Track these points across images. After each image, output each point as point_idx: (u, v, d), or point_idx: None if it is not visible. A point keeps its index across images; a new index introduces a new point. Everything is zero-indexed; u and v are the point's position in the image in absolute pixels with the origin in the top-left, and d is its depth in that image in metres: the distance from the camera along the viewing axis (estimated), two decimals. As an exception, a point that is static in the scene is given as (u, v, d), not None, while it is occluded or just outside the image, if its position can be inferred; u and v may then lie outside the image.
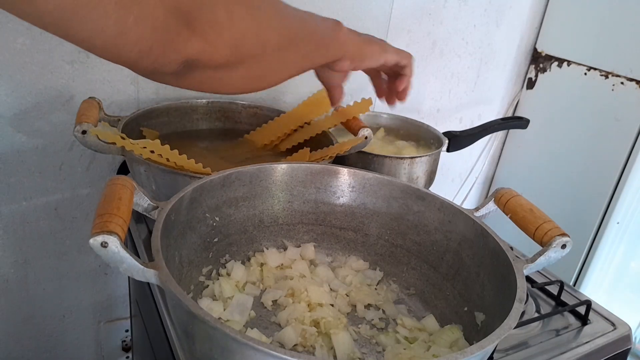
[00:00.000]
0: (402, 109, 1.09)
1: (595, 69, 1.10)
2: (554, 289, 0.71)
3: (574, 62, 1.14)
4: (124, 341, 1.00)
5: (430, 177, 0.87)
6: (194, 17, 0.39)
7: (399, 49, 0.60)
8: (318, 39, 0.52)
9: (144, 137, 0.73)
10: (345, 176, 0.63)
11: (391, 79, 0.65)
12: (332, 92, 0.62)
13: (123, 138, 0.60)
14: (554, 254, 0.48)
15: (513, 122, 0.99)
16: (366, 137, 0.74)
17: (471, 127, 0.94)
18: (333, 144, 0.74)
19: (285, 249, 0.63)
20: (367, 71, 0.64)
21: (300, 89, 0.95)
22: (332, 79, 0.60)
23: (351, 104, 0.85)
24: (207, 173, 0.59)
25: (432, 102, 1.15)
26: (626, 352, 0.65)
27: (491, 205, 0.56)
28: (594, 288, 1.15)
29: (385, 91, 0.66)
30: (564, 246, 0.47)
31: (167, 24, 0.37)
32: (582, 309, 0.67)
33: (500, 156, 1.34)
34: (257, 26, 0.43)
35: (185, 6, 0.38)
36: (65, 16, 0.33)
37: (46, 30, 0.35)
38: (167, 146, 0.59)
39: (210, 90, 0.48)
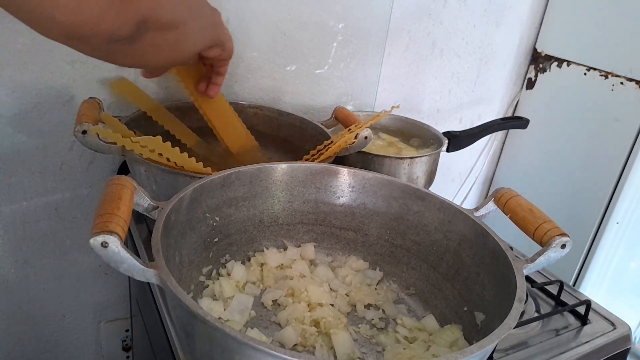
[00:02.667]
0: (402, 109, 1.10)
1: (595, 69, 1.10)
2: (553, 289, 0.71)
3: (574, 62, 1.14)
4: (124, 341, 1.00)
5: (430, 177, 0.87)
6: None
7: None
8: (210, 16, 0.54)
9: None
10: (345, 176, 0.63)
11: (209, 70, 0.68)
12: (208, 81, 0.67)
13: (124, 137, 0.60)
14: (553, 253, 0.48)
15: (513, 122, 0.99)
16: (366, 137, 0.74)
17: (471, 127, 0.94)
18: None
19: (285, 249, 0.63)
20: (206, 59, 0.63)
21: (300, 89, 0.95)
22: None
23: (351, 105, 0.86)
24: (207, 173, 0.59)
25: (432, 102, 1.15)
26: (626, 352, 0.65)
27: (491, 205, 0.56)
28: (594, 288, 1.15)
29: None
30: (563, 246, 0.48)
31: None
32: (581, 309, 0.67)
33: (500, 156, 1.34)
34: None
35: None
36: None
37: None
38: (168, 143, 0.59)
39: (157, 58, 0.48)
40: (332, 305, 0.56)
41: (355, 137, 0.69)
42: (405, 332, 0.54)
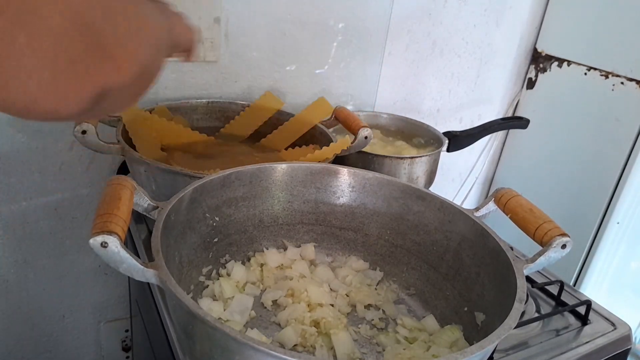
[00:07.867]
0: (402, 109, 1.09)
1: (595, 69, 1.10)
2: (554, 289, 0.71)
3: (574, 62, 1.14)
4: (124, 341, 1.00)
5: (430, 177, 0.87)
6: (105, 35, 0.26)
7: None
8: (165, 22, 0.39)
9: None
10: (345, 176, 0.63)
11: None
12: None
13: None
14: (554, 254, 0.48)
15: (513, 122, 0.99)
16: (366, 137, 0.74)
17: (471, 127, 0.94)
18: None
19: (285, 249, 0.63)
20: None
21: (300, 89, 0.95)
22: None
23: (351, 105, 0.85)
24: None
25: (432, 102, 1.15)
26: (626, 352, 0.65)
27: (491, 205, 0.56)
28: (594, 288, 1.15)
29: None
30: (564, 246, 0.47)
31: (74, 46, 0.25)
32: (582, 309, 0.67)
33: (500, 156, 1.34)
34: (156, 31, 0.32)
35: (97, 22, 0.26)
36: None
37: None
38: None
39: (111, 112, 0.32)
40: (332, 305, 0.56)
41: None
42: (406, 332, 0.54)
